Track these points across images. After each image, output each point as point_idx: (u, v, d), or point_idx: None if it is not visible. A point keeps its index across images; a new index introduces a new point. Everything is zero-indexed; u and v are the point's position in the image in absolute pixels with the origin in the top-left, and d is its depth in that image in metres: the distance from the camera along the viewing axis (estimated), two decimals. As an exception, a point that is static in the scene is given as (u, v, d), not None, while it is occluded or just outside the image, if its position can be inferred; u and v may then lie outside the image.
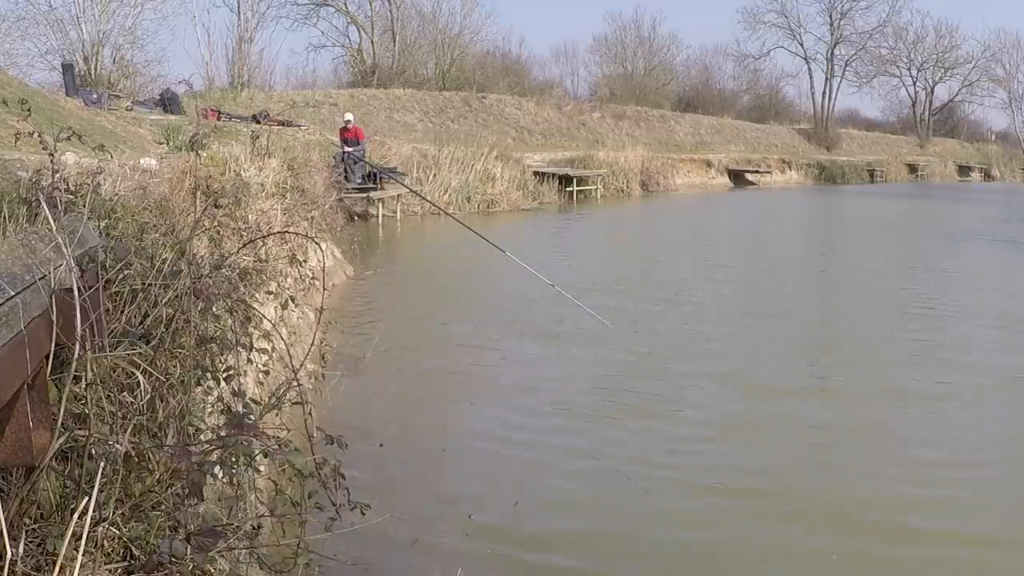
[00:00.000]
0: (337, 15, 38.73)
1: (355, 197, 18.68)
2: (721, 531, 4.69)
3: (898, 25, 57.62)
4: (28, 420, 1.96)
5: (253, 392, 4.08)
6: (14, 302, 1.89)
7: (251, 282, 4.06)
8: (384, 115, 30.29)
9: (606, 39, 50.33)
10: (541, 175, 26.32)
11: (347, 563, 2.94)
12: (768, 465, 5.61)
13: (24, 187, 3.29)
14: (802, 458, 5.83)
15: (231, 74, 27.39)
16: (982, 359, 8.50)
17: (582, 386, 7.32)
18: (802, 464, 5.72)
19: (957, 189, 44.11)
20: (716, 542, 4.58)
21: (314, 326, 5.76)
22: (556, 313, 9.68)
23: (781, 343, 9.05)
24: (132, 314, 2.85)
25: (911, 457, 5.79)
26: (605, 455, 5.74)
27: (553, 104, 38.56)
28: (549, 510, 4.95)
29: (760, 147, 44.93)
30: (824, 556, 4.43)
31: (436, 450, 5.81)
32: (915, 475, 5.46)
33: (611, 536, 4.65)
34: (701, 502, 5.07)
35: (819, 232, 23.11)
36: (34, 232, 2.43)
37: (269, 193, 8.84)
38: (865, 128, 58.62)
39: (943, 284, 13.50)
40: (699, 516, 4.88)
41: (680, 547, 4.55)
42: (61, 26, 22.11)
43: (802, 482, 5.37)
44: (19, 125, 2.70)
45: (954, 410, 6.89)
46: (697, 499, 5.12)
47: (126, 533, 2.08)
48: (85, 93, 16.12)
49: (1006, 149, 59.19)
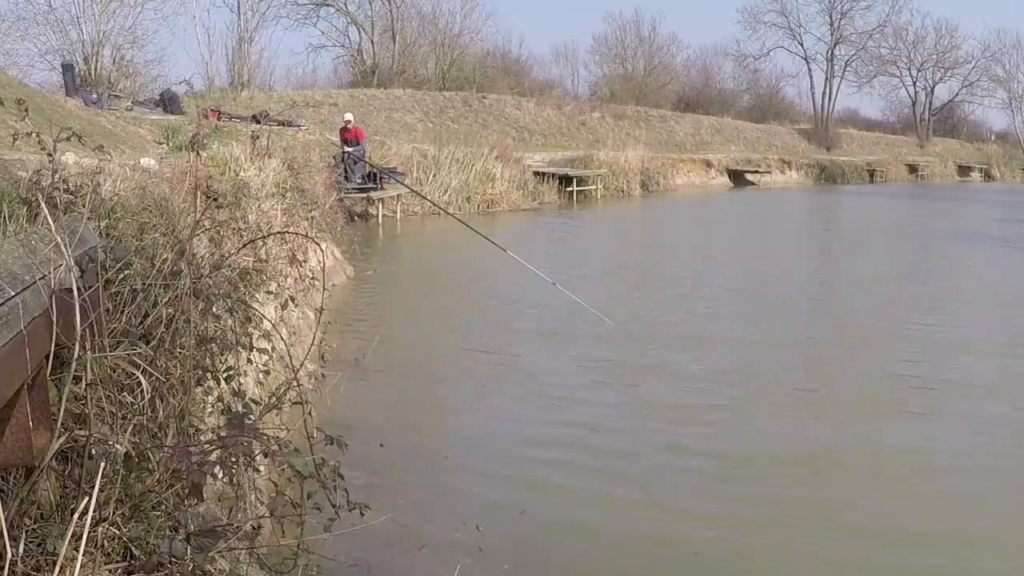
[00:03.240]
0: (337, 15, 38.80)
1: (355, 197, 18.68)
2: (732, 538, 4.60)
3: (898, 25, 57.67)
4: (28, 420, 1.96)
5: (253, 392, 4.08)
6: (14, 302, 1.89)
7: (251, 282, 4.05)
8: (384, 115, 30.29)
9: (606, 39, 50.41)
10: (541, 175, 26.31)
11: (347, 563, 2.94)
12: (778, 473, 5.52)
13: (24, 187, 3.29)
14: (815, 464, 5.73)
15: (231, 74, 27.42)
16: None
17: (584, 386, 7.31)
18: (815, 471, 5.63)
19: (957, 189, 44.09)
20: (726, 549, 4.50)
21: (314, 326, 5.76)
22: (557, 312, 9.68)
23: (785, 344, 9.04)
24: (132, 314, 2.85)
25: (924, 464, 5.69)
26: (606, 456, 5.73)
27: (553, 104, 38.56)
28: (552, 513, 4.88)
29: (760, 147, 44.92)
30: (838, 566, 4.38)
31: (436, 450, 5.80)
32: (934, 484, 5.38)
33: (612, 538, 4.61)
34: (710, 507, 4.98)
35: (819, 232, 23.11)
36: (34, 232, 2.42)
37: (269, 193, 8.84)
38: (865, 128, 58.59)
39: (945, 282, 13.52)
40: (708, 522, 4.79)
41: (691, 555, 4.46)
42: (61, 26, 22.15)
43: (814, 489, 5.30)
44: (18, 125, 2.70)
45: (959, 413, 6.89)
46: (705, 504, 5.02)
47: (126, 533, 2.08)
48: (85, 93, 16.11)
49: (1006, 149, 59.13)
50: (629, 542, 4.56)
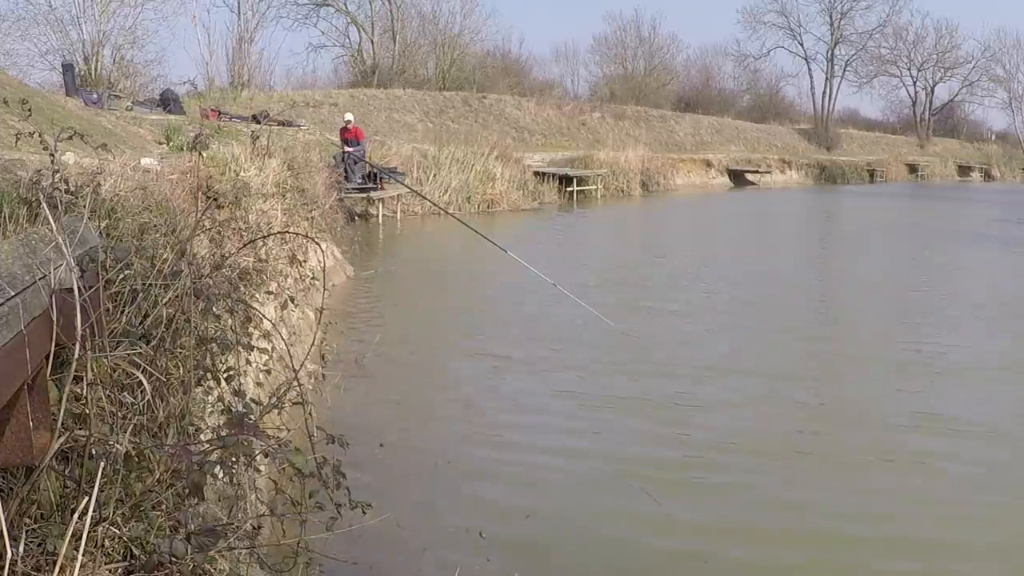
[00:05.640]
0: (337, 15, 38.82)
1: (355, 197, 18.68)
2: (735, 541, 4.58)
3: (898, 25, 57.73)
4: (28, 420, 1.96)
5: (253, 392, 4.08)
6: (14, 302, 1.89)
7: (251, 282, 4.05)
8: (384, 115, 30.29)
9: (606, 39, 50.45)
10: (541, 175, 26.32)
11: (347, 563, 2.93)
12: (783, 476, 5.49)
13: (24, 187, 3.30)
14: (817, 466, 5.70)
15: (231, 74, 27.44)
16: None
17: (585, 386, 7.30)
18: (819, 474, 5.59)
19: (957, 189, 44.08)
20: (729, 552, 4.47)
21: (314, 326, 5.76)
22: (558, 312, 9.67)
23: (789, 344, 9.03)
24: (132, 314, 2.85)
25: (933, 469, 5.65)
26: (608, 457, 5.73)
27: (553, 104, 38.58)
28: (554, 516, 4.86)
29: (760, 147, 44.93)
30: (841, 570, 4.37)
31: (436, 450, 5.80)
32: (938, 490, 5.33)
33: (616, 543, 4.59)
34: (712, 511, 4.95)
35: (819, 232, 23.10)
36: (34, 232, 2.42)
37: (269, 193, 8.84)
38: (865, 128, 58.61)
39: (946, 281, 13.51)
40: (710, 526, 4.76)
41: (691, 559, 4.44)
42: (61, 26, 22.16)
43: (818, 491, 5.27)
44: (19, 125, 2.71)
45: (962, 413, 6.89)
46: (708, 508, 4.99)
47: (126, 533, 2.08)
48: (85, 93, 16.11)
49: (1006, 149, 59.15)
50: (636, 550, 4.50)
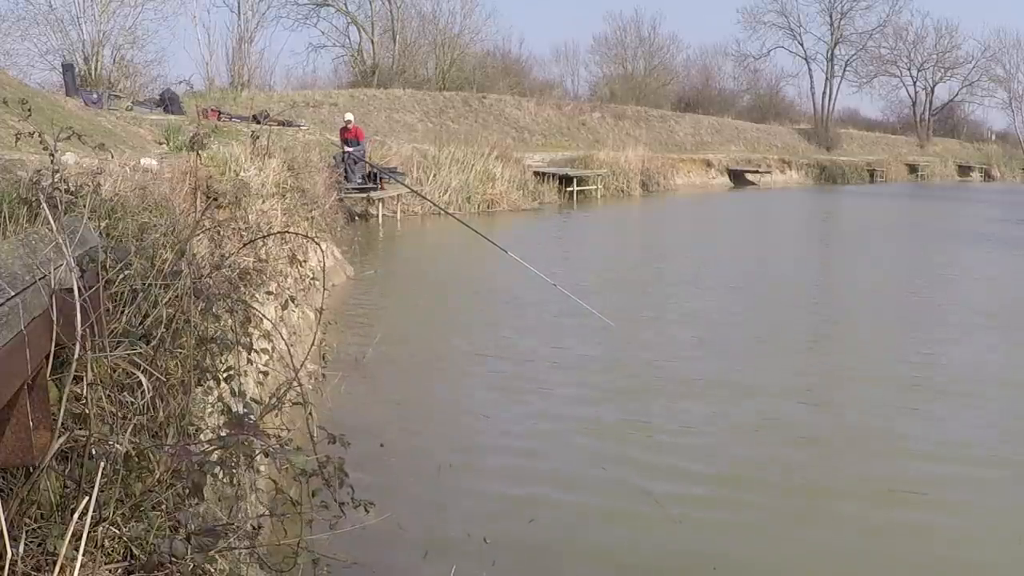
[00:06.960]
0: (337, 15, 38.84)
1: (355, 197, 18.69)
2: (738, 543, 4.56)
3: (898, 25, 57.75)
4: (28, 420, 1.96)
5: (253, 392, 4.08)
6: (14, 302, 1.89)
7: (251, 282, 4.05)
8: (384, 115, 30.30)
9: (606, 39, 50.49)
10: (541, 175, 26.33)
11: (347, 563, 2.93)
12: (786, 476, 5.46)
13: (24, 187, 3.30)
14: (818, 465, 5.69)
15: (231, 74, 27.44)
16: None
17: (585, 387, 7.29)
18: (819, 472, 5.58)
19: (957, 189, 44.09)
20: (733, 554, 4.45)
21: (314, 326, 5.76)
22: (559, 313, 9.67)
23: (790, 345, 9.03)
24: (132, 314, 2.85)
25: (935, 471, 5.60)
26: (609, 458, 5.72)
27: (553, 104, 38.59)
28: (555, 518, 4.82)
29: (760, 147, 44.94)
30: (844, 564, 4.36)
31: (437, 450, 5.80)
32: (940, 486, 5.33)
33: (620, 548, 4.55)
34: (716, 513, 4.92)
35: (819, 232, 23.10)
36: (34, 232, 2.42)
37: (269, 193, 8.84)
38: (865, 128, 58.63)
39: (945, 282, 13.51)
40: (713, 527, 4.74)
41: (695, 560, 4.42)
42: (61, 26, 22.17)
43: (820, 490, 5.25)
44: (19, 125, 2.71)
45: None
46: (712, 510, 4.96)
47: (126, 533, 2.08)
48: (85, 93, 16.12)
49: (1006, 149, 59.17)
50: (642, 554, 4.47)
